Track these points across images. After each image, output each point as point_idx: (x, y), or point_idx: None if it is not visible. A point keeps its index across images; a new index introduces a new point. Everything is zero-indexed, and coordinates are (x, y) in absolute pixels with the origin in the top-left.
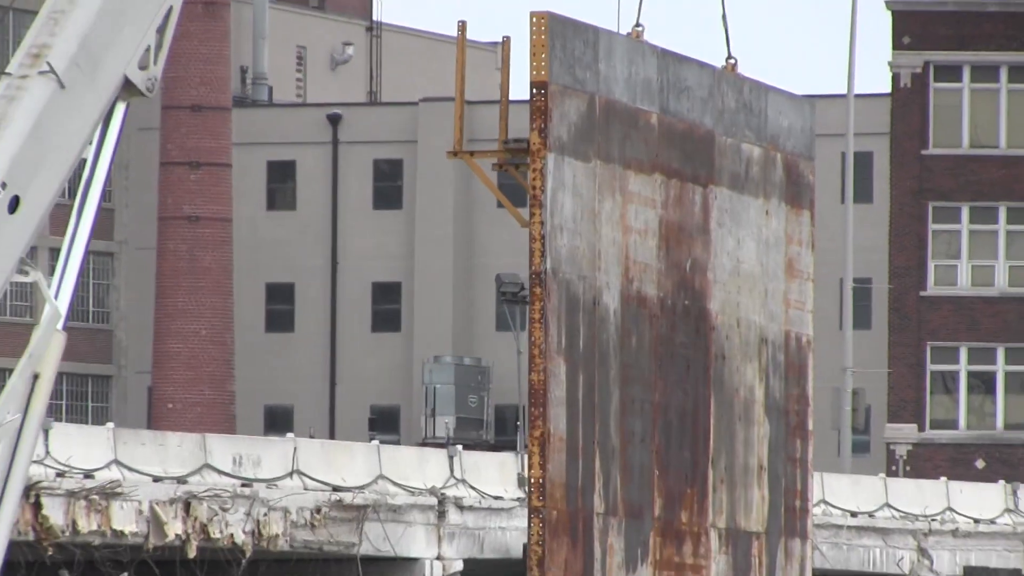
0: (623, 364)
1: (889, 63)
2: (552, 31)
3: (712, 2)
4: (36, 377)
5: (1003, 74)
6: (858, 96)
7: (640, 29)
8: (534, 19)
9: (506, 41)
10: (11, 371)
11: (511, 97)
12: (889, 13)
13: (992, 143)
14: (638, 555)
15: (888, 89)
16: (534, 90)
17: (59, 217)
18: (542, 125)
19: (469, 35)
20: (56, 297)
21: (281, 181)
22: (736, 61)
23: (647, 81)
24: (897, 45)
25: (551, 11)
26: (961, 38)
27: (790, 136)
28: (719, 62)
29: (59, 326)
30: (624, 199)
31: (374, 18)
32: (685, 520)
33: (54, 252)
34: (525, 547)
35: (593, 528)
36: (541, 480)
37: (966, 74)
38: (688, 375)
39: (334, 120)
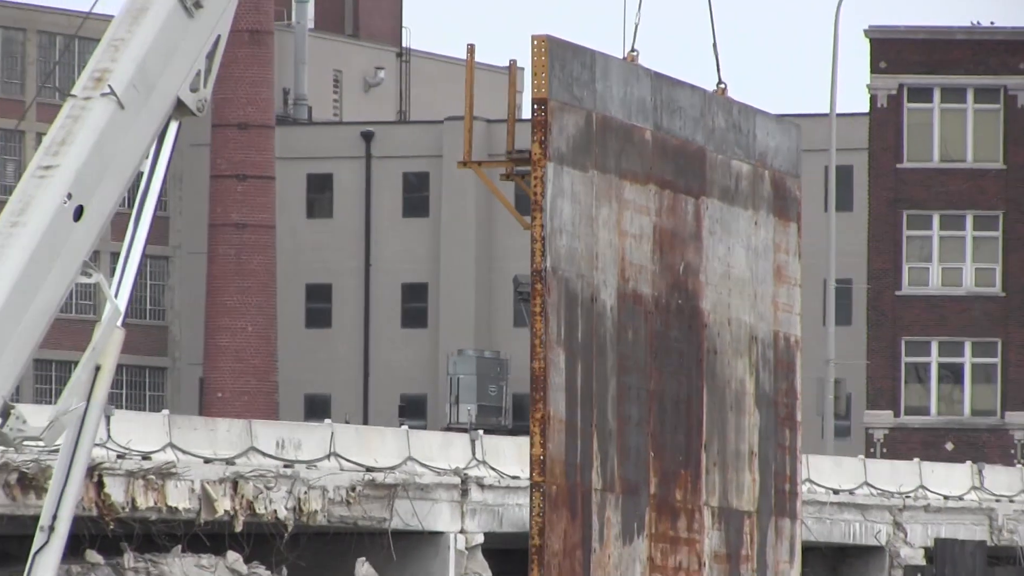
0: (620, 355)
1: (867, 85)
2: (551, 53)
3: (704, 31)
4: (98, 369)
5: (969, 95)
6: (839, 115)
7: (635, 54)
8: (535, 42)
9: (512, 64)
10: (76, 364)
11: (524, 116)
12: (867, 40)
13: (960, 157)
14: (634, 528)
15: (866, 109)
16: (535, 106)
17: (119, 224)
18: (542, 137)
19: (491, 59)
20: (116, 296)
21: (319, 192)
22: (726, 86)
23: (641, 100)
24: (874, 69)
25: (550, 35)
26: (932, 63)
27: (777, 155)
28: (710, 86)
29: (118, 323)
30: (620, 206)
31: (403, 45)
32: (679, 498)
33: (114, 256)
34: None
35: (591, 502)
36: (542, 457)
37: (936, 95)
38: (682, 367)
39: (367, 137)
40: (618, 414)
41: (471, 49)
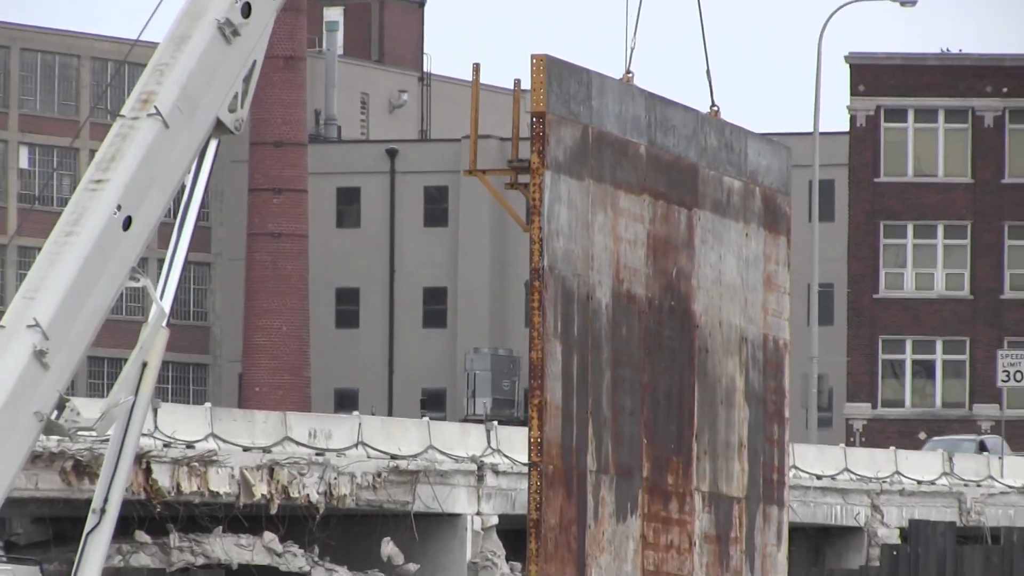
0: (614, 349)
1: (847, 107)
2: (549, 71)
3: (699, 57)
4: (145, 365)
5: (941, 116)
6: (822, 134)
7: (630, 75)
8: (534, 60)
9: (517, 82)
10: (125, 360)
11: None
12: (847, 66)
13: (932, 172)
14: (628, 508)
15: (847, 128)
16: (533, 119)
17: (164, 233)
18: (540, 148)
19: (506, 83)
20: (161, 299)
21: (348, 204)
22: (719, 108)
23: (636, 118)
24: (854, 92)
25: (549, 54)
26: (906, 87)
27: (768, 173)
28: (705, 108)
29: (164, 323)
30: (615, 214)
31: (424, 70)
32: (671, 482)
33: (160, 262)
34: None
35: (586, 483)
36: (539, 440)
37: (911, 116)
38: (674, 363)
39: (392, 154)
40: (612, 403)
41: (476, 68)
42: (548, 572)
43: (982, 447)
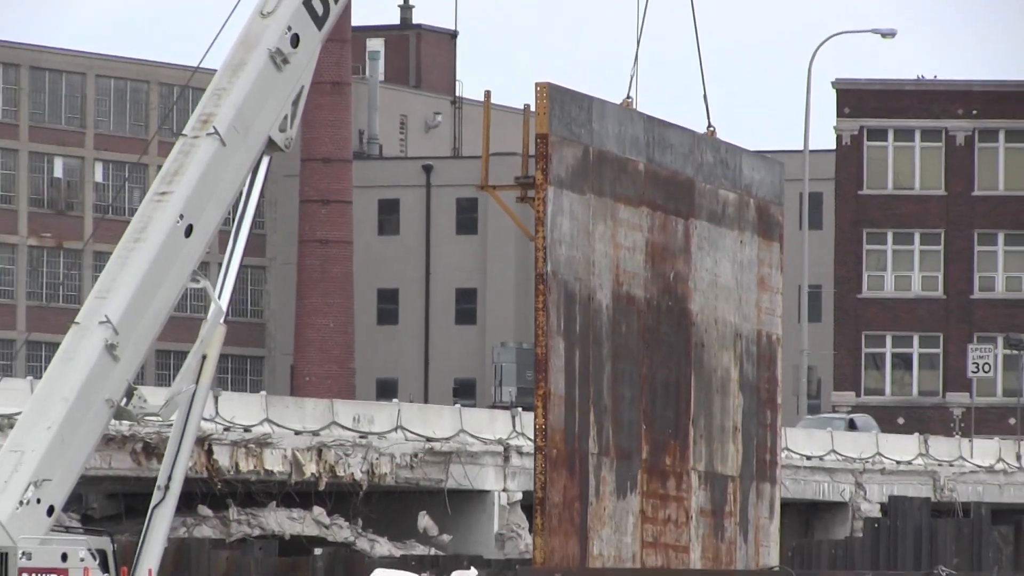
0: (614, 345)
1: (834, 127)
2: (552, 96)
3: (697, 82)
4: (204, 358)
5: (917, 135)
6: (812, 152)
7: (630, 100)
8: (538, 88)
9: (526, 107)
10: (188, 353)
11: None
12: (834, 91)
13: (909, 186)
14: (628, 486)
15: (833, 146)
16: (537, 140)
17: (222, 239)
18: (544, 166)
19: (522, 103)
20: (219, 298)
21: (388, 214)
22: (715, 128)
23: (635, 138)
24: (840, 114)
25: (551, 82)
26: (887, 109)
27: (762, 187)
28: (702, 129)
29: (221, 320)
30: (615, 224)
31: (457, 94)
32: (669, 463)
33: (219, 265)
34: None
35: (588, 464)
36: (544, 427)
37: (890, 135)
38: (671, 357)
39: (427, 169)
40: (612, 393)
41: (487, 95)
42: (552, 545)
43: (852, 425)
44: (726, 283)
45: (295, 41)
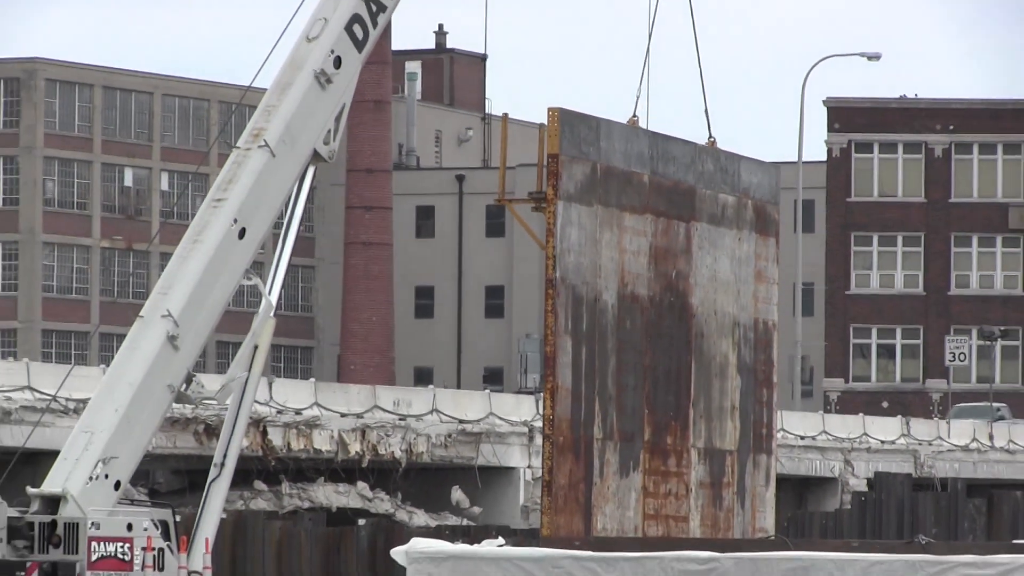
0: (619, 340)
1: (825, 141)
2: (562, 119)
3: (699, 98)
4: (256, 348)
5: (900, 148)
6: (805, 163)
7: (636, 119)
8: (550, 112)
9: (541, 128)
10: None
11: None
12: (825, 108)
13: (893, 193)
14: (630, 465)
15: (824, 158)
16: (548, 159)
17: (273, 240)
18: (554, 182)
19: (540, 117)
20: (269, 294)
21: (425, 219)
22: (715, 140)
23: (640, 153)
24: (830, 129)
25: (562, 107)
26: (873, 124)
27: (759, 189)
28: (703, 140)
29: (271, 314)
30: (620, 231)
31: (486, 111)
32: (670, 442)
33: (270, 265)
34: None
35: (593, 448)
36: (551, 417)
37: (876, 148)
38: (673, 347)
39: (460, 179)
40: (617, 383)
41: (505, 117)
42: (558, 522)
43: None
44: (725, 277)
45: (338, 63)
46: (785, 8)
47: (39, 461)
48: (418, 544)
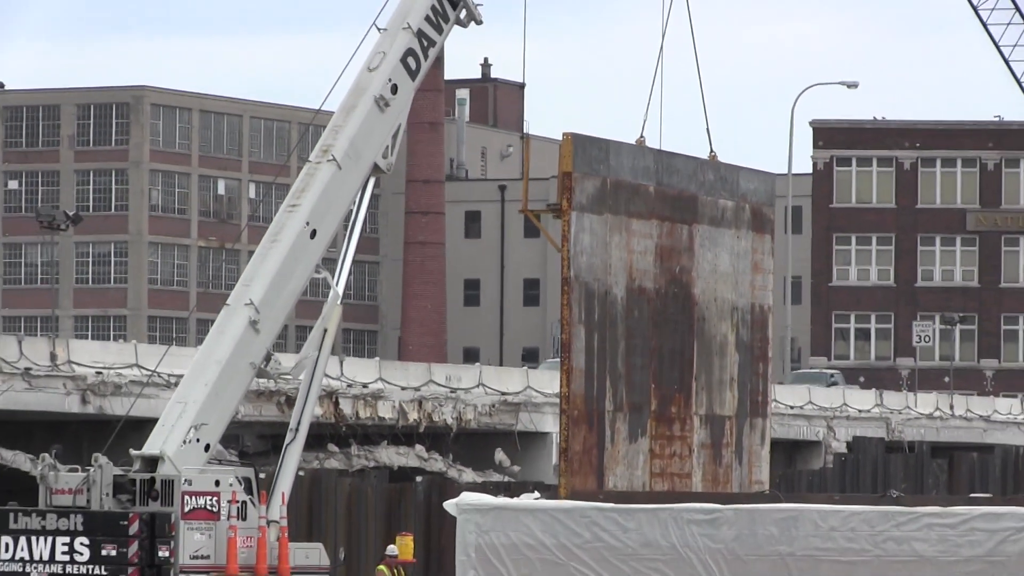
0: (627, 327)
1: (811, 156)
2: (575, 142)
3: (701, 118)
4: (325, 331)
5: (874, 162)
6: (794, 175)
7: (643, 139)
8: (564, 136)
9: (560, 147)
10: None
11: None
12: (811, 128)
13: (868, 201)
14: (638, 432)
15: (811, 170)
16: (563, 176)
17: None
18: (568, 196)
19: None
20: (336, 285)
21: (472, 222)
22: (716, 153)
23: (646, 168)
24: (815, 146)
25: (575, 132)
26: (851, 142)
27: (756, 193)
28: (704, 154)
29: (338, 302)
30: (628, 235)
31: (525, 131)
32: (675, 411)
33: (334, 261)
34: None
35: (605, 419)
36: (567, 394)
37: (854, 162)
38: (677, 331)
39: (502, 188)
40: (626, 363)
41: (527, 141)
42: (573, 483)
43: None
44: (725, 270)
45: (394, 89)
46: (777, 42)
47: (143, 427)
48: (466, 497)
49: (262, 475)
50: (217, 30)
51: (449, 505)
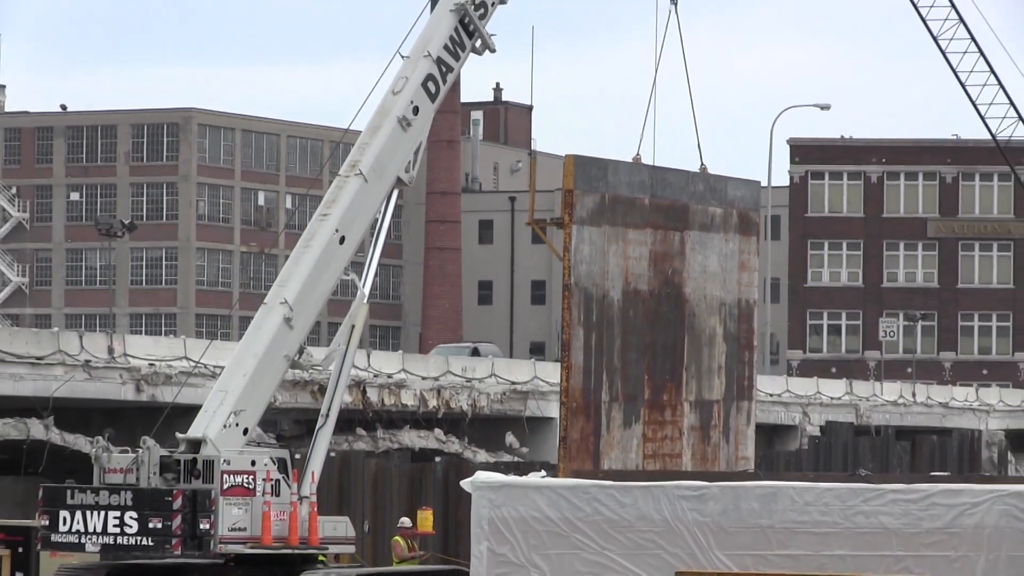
0: (623, 325)
1: (788, 171)
2: (576, 163)
3: (693, 136)
4: (352, 327)
5: (845, 176)
6: (774, 187)
7: (639, 156)
8: (566, 157)
9: (563, 167)
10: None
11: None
12: (788, 146)
13: (839, 211)
14: (632, 419)
15: (788, 183)
16: (565, 193)
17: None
18: (569, 211)
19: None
20: (363, 286)
21: (486, 230)
22: (706, 166)
23: (641, 182)
24: (792, 161)
25: (576, 153)
26: (824, 158)
27: (743, 200)
28: (695, 167)
29: (364, 301)
30: (625, 244)
31: (532, 148)
32: (666, 398)
33: (361, 264)
34: None
35: (601, 409)
36: (567, 387)
37: (827, 176)
38: (669, 327)
39: (512, 199)
40: (621, 358)
41: (533, 159)
42: (571, 467)
43: (475, 352)
44: (713, 270)
45: (416, 111)
46: (758, 68)
47: (190, 413)
48: (480, 476)
49: (297, 456)
50: (257, 59)
51: (465, 483)
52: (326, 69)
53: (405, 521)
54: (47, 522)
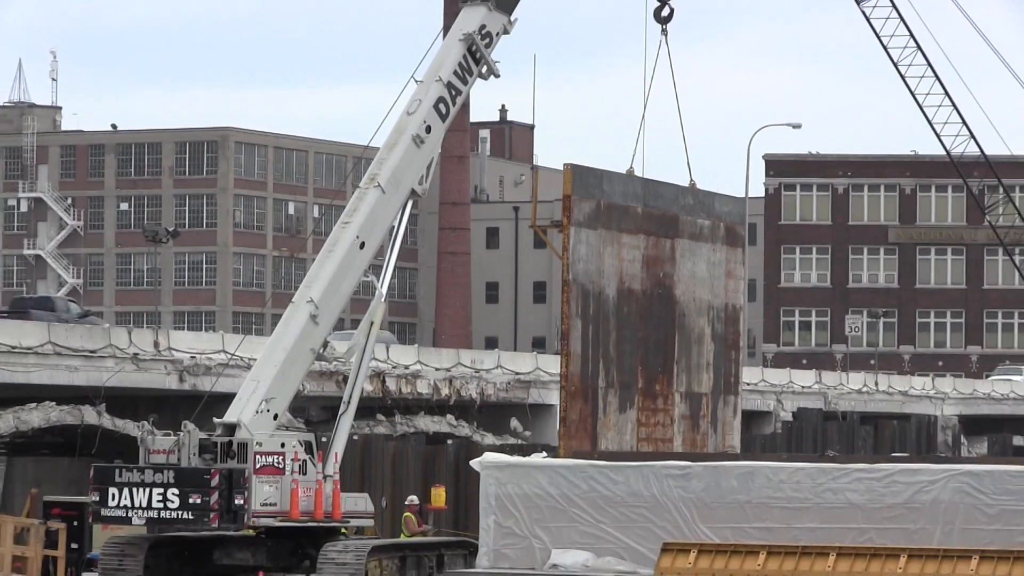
0: (618, 320)
1: (763, 183)
2: (575, 172)
3: (682, 152)
4: (372, 324)
5: (814, 188)
6: (750, 198)
7: (631, 169)
8: (565, 167)
9: (563, 175)
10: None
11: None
12: (764, 160)
13: (810, 219)
14: (627, 405)
15: (763, 194)
16: (564, 198)
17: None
18: (568, 215)
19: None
20: (381, 286)
21: (492, 236)
22: (695, 181)
23: (634, 192)
24: (767, 175)
25: (575, 163)
26: (796, 172)
27: (729, 215)
28: (685, 182)
29: (382, 300)
30: (619, 246)
31: (535, 162)
32: (659, 388)
33: (380, 267)
34: None
35: (598, 394)
36: (566, 373)
37: (798, 188)
38: (660, 325)
39: (516, 209)
40: (617, 349)
41: (536, 172)
42: (571, 446)
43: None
44: (702, 276)
45: (428, 129)
46: (737, 90)
47: (227, 401)
48: (488, 457)
49: (323, 439)
50: (288, 83)
51: (474, 463)
52: (349, 92)
53: (412, 498)
54: (98, 498)
